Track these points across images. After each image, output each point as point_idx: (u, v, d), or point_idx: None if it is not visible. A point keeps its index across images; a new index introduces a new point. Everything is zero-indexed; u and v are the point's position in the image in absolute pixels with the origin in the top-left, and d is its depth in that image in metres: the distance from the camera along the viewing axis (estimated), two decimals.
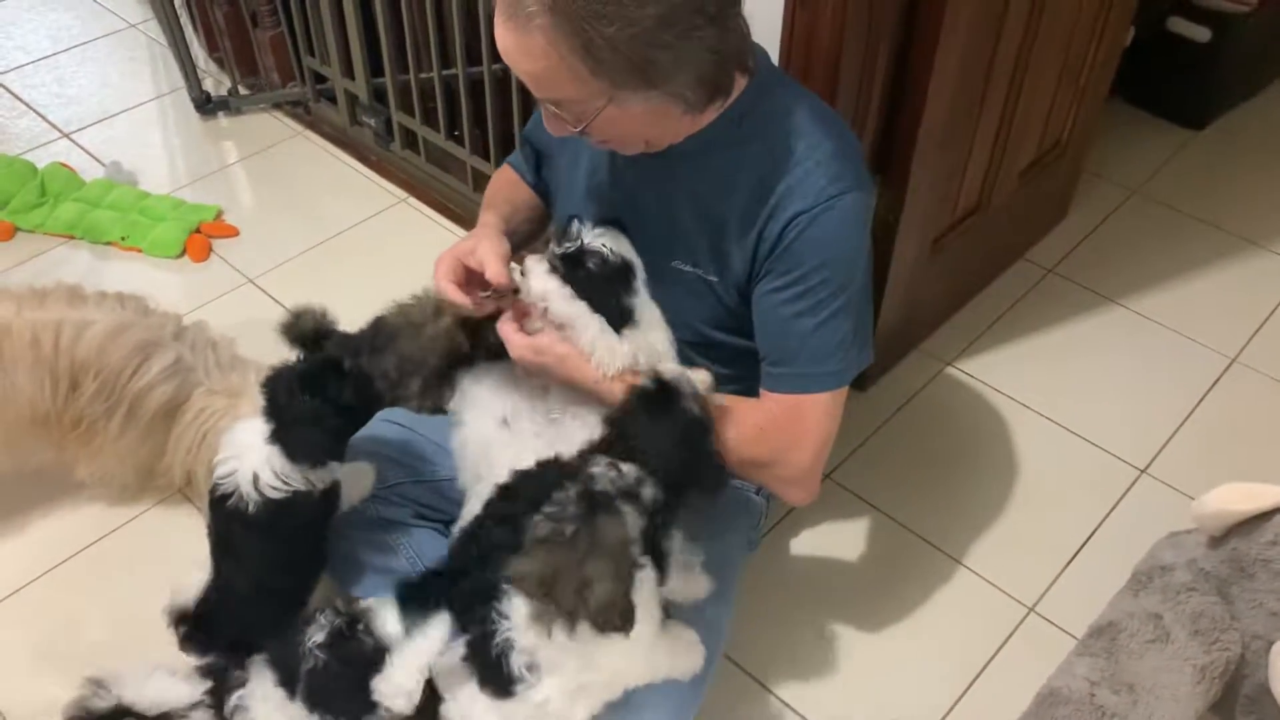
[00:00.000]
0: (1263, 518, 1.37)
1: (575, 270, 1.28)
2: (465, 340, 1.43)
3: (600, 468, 1.16)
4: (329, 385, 1.34)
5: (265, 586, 1.42)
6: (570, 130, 1.23)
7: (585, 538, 1.10)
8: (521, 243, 1.55)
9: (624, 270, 1.31)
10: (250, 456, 1.34)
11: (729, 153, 1.30)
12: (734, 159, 1.30)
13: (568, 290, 1.28)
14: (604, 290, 1.29)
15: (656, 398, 1.22)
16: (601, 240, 1.29)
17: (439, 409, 1.53)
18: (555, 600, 1.10)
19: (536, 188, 1.60)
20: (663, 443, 1.20)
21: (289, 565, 1.43)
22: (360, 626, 1.29)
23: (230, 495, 1.35)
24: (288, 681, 1.32)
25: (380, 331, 1.61)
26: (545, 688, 1.19)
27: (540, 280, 1.29)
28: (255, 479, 1.33)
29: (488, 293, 1.33)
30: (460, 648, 1.25)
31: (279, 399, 1.34)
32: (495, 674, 1.20)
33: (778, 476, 1.39)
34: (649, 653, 1.24)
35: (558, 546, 1.11)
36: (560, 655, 1.17)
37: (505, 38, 1.13)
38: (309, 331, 1.71)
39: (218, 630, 1.43)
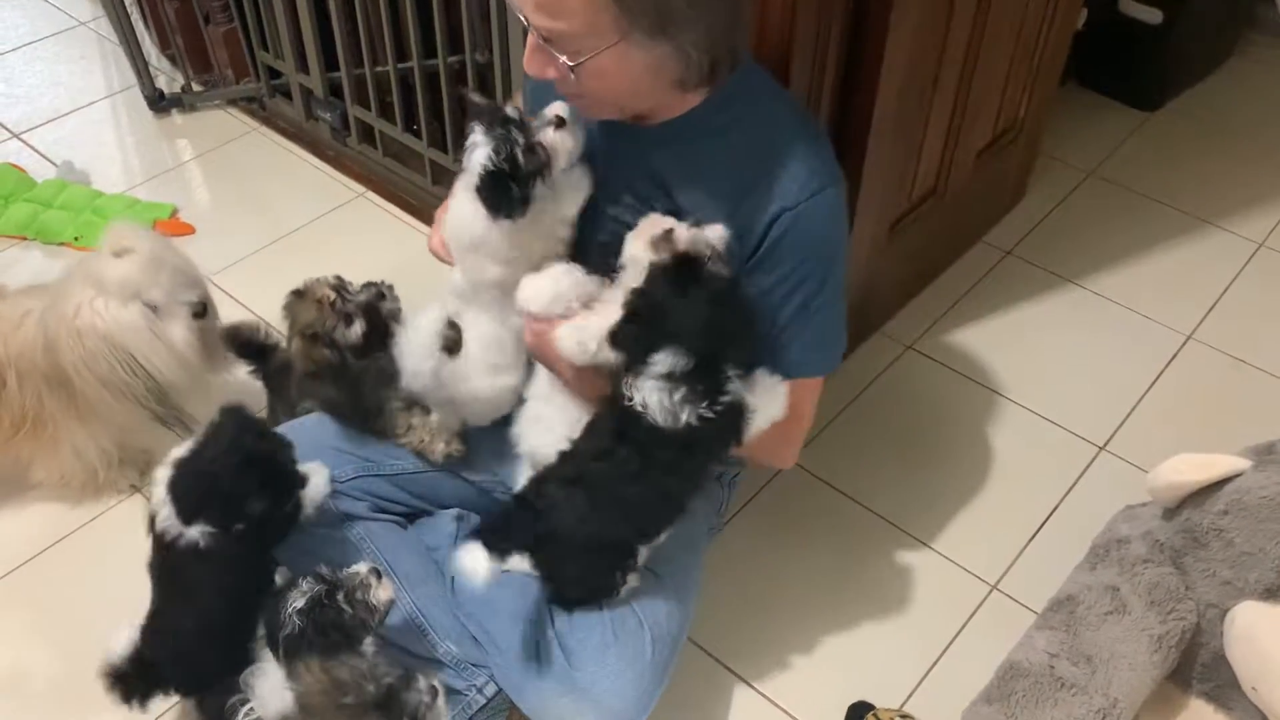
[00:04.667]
0: (1214, 488, 1.39)
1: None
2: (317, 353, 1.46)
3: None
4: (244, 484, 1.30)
5: (215, 621, 1.38)
6: (553, 71, 1.18)
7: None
8: None
9: None
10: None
11: (707, 142, 1.30)
12: (712, 148, 1.30)
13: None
14: None
15: (679, 271, 1.20)
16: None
17: (378, 431, 1.56)
18: None
19: None
20: (696, 316, 1.18)
21: (241, 593, 1.40)
22: (340, 596, 1.29)
23: (176, 536, 1.32)
24: (274, 647, 1.32)
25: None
26: None
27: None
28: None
29: None
30: None
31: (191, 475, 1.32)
32: None
33: (772, 453, 1.46)
34: None
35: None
36: None
37: None
38: (258, 345, 1.71)
39: (162, 676, 1.40)
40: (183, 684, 1.43)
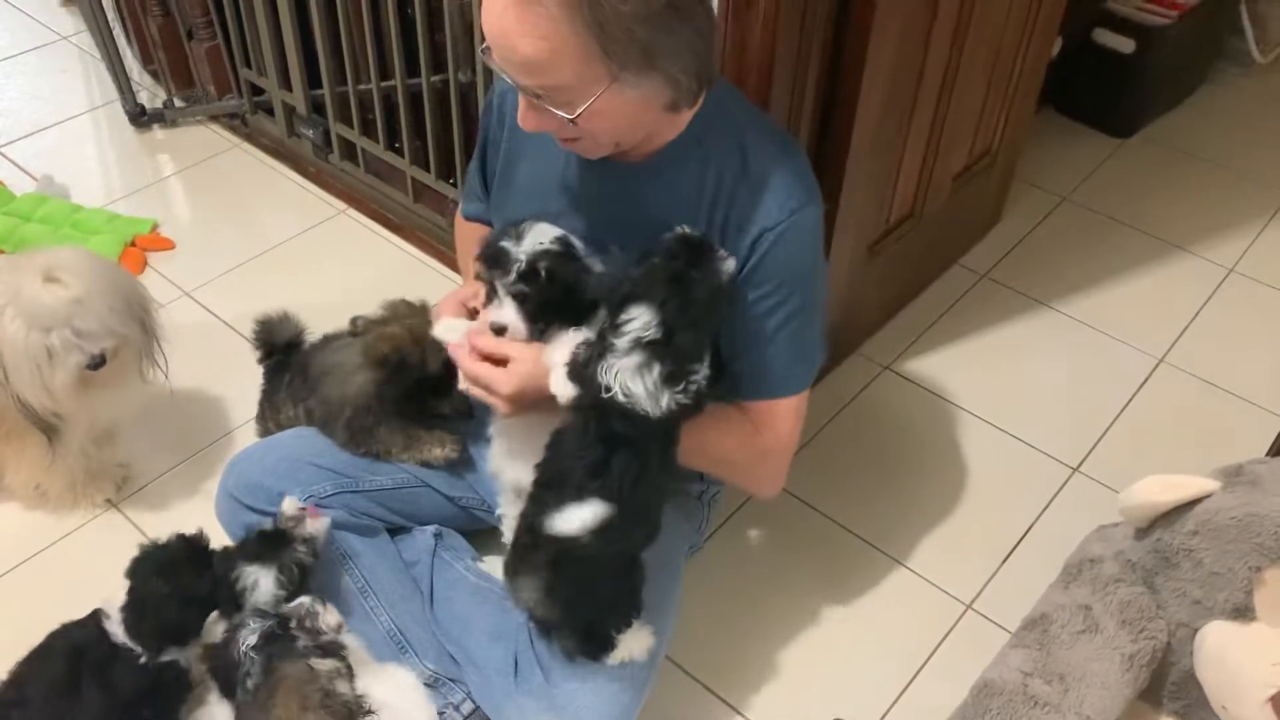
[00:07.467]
0: (1184, 508, 1.41)
1: (535, 282, 1.26)
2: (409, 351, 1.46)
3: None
4: (184, 575, 1.38)
5: None
6: (553, 124, 1.18)
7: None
8: None
9: (569, 252, 1.29)
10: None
11: (690, 169, 1.31)
12: (694, 176, 1.31)
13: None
14: (568, 288, 1.28)
15: (696, 249, 1.24)
16: (535, 241, 1.27)
17: (371, 454, 1.57)
18: None
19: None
20: (702, 292, 1.22)
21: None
22: (292, 624, 1.28)
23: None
24: (230, 692, 1.31)
25: (313, 362, 1.62)
26: None
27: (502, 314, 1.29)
28: None
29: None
30: None
31: (134, 582, 1.39)
32: None
33: (753, 476, 1.46)
34: None
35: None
36: None
37: (506, 14, 1.08)
38: (280, 341, 1.71)
39: None
40: None
